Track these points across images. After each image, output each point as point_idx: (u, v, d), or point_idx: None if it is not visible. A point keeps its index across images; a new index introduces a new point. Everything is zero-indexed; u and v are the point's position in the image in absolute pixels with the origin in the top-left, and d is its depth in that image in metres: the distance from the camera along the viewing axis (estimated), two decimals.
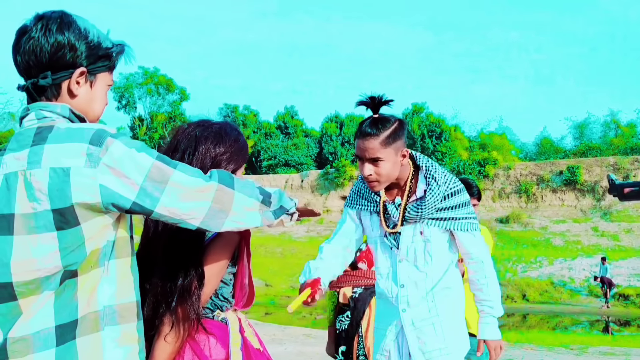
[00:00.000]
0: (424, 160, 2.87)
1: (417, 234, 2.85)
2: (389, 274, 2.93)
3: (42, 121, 1.77)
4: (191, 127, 2.22)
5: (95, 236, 1.70)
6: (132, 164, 1.70)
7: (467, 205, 2.88)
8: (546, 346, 12.44)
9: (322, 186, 46.80)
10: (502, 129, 63.24)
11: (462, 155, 49.10)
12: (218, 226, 1.83)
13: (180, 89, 57.48)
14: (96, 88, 1.88)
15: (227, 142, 2.18)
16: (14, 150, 1.73)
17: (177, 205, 1.75)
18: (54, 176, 1.65)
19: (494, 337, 2.99)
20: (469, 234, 2.88)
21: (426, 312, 2.88)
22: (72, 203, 1.65)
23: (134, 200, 1.70)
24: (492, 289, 2.96)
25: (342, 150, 54.15)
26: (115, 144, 1.70)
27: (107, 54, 1.87)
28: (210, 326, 2.11)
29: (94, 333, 1.72)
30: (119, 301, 1.78)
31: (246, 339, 2.16)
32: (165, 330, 2.03)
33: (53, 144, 1.69)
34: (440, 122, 52.13)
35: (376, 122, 2.73)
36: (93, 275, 1.73)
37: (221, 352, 2.08)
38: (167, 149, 2.19)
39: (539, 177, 42.90)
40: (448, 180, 2.82)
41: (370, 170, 2.75)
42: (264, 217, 1.92)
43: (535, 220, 39.94)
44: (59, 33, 1.77)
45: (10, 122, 63.10)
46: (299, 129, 59.09)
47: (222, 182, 1.82)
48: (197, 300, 2.04)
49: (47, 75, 1.78)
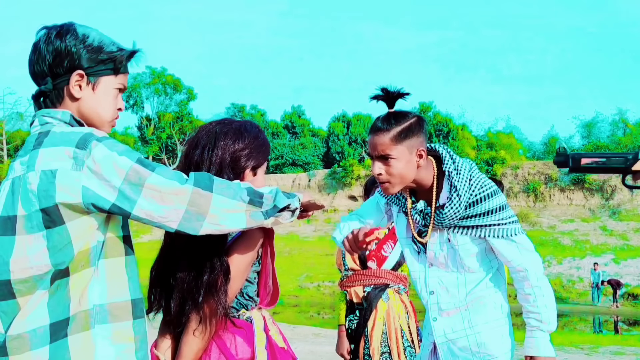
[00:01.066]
0: (449, 164, 2.58)
1: (445, 241, 2.63)
2: (419, 278, 2.75)
3: (43, 127, 1.85)
4: (212, 124, 2.23)
5: (82, 236, 1.76)
6: (112, 167, 1.75)
7: (501, 210, 2.58)
8: (556, 345, 12.38)
9: (329, 185, 46.83)
10: (510, 128, 63.24)
11: (470, 154, 49.01)
12: (196, 229, 1.85)
13: (188, 89, 57.59)
14: (100, 92, 1.92)
15: (247, 138, 2.18)
16: (21, 156, 1.84)
17: (153, 208, 1.78)
18: (43, 178, 1.74)
19: (542, 353, 2.57)
20: (505, 240, 2.58)
21: (460, 324, 2.69)
22: (56, 202, 1.72)
23: (113, 202, 1.76)
24: (540, 300, 2.59)
25: (349, 149, 54.17)
26: (98, 147, 1.76)
27: (110, 58, 1.91)
28: (237, 325, 2.11)
29: (85, 331, 1.78)
30: (109, 300, 1.82)
31: (271, 337, 2.16)
32: (193, 326, 2.04)
33: (46, 147, 1.78)
34: (447, 121, 52.12)
35: (390, 117, 2.51)
36: (84, 274, 1.78)
37: (247, 350, 2.09)
38: (188, 146, 2.21)
39: (547, 176, 42.81)
40: (474, 186, 2.54)
41: (380, 168, 2.52)
42: (252, 219, 1.92)
43: (543, 220, 39.87)
44: (57, 40, 1.85)
45: (19, 122, 63.54)
46: (306, 128, 59.18)
47: (198, 184, 1.83)
48: (224, 295, 2.04)
49: (48, 81, 1.86)
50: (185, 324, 2.05)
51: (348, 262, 4.41)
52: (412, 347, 4.21)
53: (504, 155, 45.14)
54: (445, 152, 2.62)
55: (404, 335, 4.20)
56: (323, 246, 37.96)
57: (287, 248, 37.22)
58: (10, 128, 61.50)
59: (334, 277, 33.31)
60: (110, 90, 1.94)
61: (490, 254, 2.66)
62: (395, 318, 4.23)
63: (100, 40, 1.90)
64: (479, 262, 2.65)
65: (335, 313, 26.07)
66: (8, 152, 59.43)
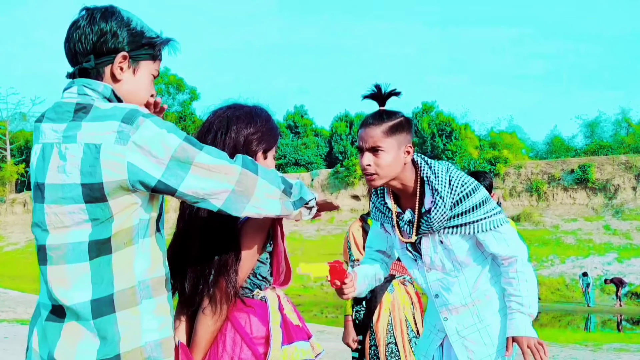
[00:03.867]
0: (425, 169, 2.65)
1: (438, 244, 2.69)
2: (422, 284, 2.82)
3: (82, 97, 1.84)
4: (223, 109, 2.25)
5: (122, 213, 1.77)
6: (161, 144, 1.76)
7: (485, 203, 2.64)
8: (560, 343, 12.41)
9: (332, 185, 46.85)
10: (513, 127, 63.17)
11: (473, 154, 49.02)
12: (239, 210, 1.87)
13: (191, 89, 57.64)
14: (139, 75, 1.94)
15: (258, 122, 2.20)
16: (52, 120, 1.82)
17: (200, 185, 1.80)
18: (87, 152, 1.74)
19: (523, 333, 2.61)
20: (492, 232, 2.65)
21: (470, 319, 2.75)
22: (102, 181, 1.73)
23: (159, 178, 1.76)
24: (522, 285, 2.65)
25: (352, 149, 54.17)
26: (146, 124, 1.76)
27: (150, 43, 1.94)
28: (251, 304, 2.14)
29: (133, 307, 1.80)
30: (151, 275, 1.85)
31: (285, 316, 2.19)
32: (205, 305, 2.07)
33: (90, 122, 1.77)
34: (450, 121, 52.11)
35: (382, 113, 2.60)
36: (127, 252, 1.80)
37: (261, 329, 2.11)
38: (200, 131, 2.22)
39: (550, 175, 42.78)
40: (454, 186, 2.60)
41: (369, 160, 2.57)
42: (284, 207, 1.94)
43: (546, 219, 39.84)
44: (102, 21, 1.86)
45: (22, 122, 63.62)
46: (308, 128, 59.20)
47: (245, 166, 1.86)
48: (235, 275, 2.07)
49: (90, 58, 1.86)
50: (199, 303, 2.08)
51: (354, 253, 4.45)
52: (418, 337, 4.23)
53: (506, 155, 45.12)
54: (420, 159, 2.69)
55: (409, 326, 4.23)
56: (326, 245, 37.96)
57: (290, 247, 36.96)
58: (13, 128, 61.61)
59: None
60: (148, 75, 1.97)
61: (481, 246, 2.72)
62: (400, 309, 4.26)
63: (142, 25, 1.93)
64: (472, 256, 2.72)
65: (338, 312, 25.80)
66: (11, 152, 59.48)
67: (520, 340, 2.61)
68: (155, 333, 1.84)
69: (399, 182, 2.65)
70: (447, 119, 52.08)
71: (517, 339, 2.62)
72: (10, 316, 13.65)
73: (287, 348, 2.12)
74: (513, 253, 2.68)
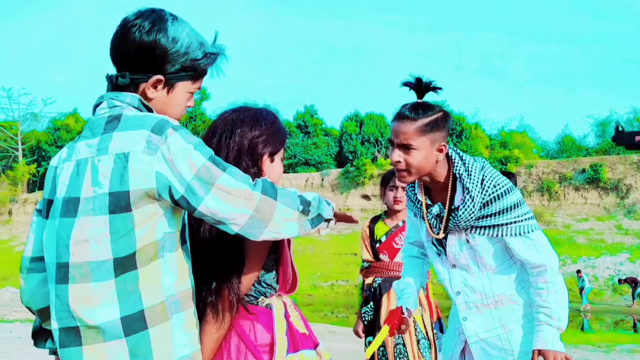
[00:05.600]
0: (459, 166, 2.56)
1: (464, 243, 2.61)
2: (445, 280, 2.75)
3: (112, 110, 1.84)
4: (228, 112, 2.23)
5: (145, 224, 1.75)
6: (186, 160, 1.75)
7: (517, 207, 2.54)
8: (573, 344, 12.33)
9: (342, 185, 46.78)
10: (523, 127, 62.92)
11: (483, 153, 48.84)
12: (256, 235, 1.85)
13: (201, 89, 57.74)
14: (174, 94, 1.93)
15: (263, 125, 2.17)
16: (87, 137, 1.83)
17: (219, 208, 1.78)
18: (117, 161, 1.74)
19: (551, 347, 2.48)
20: (522, 238, 2.55)
21: (490, 322, 2.66)
22: (128, 189, 1.72)
23: (182, 194, 1.75)
24: (552, 296, 2.53)
25: (362, 149, 54.11)
26: (174, 137, 1.76)
27: (192, 66, 1.91)
28: (255, 312, 2.11)
29: (165, 322, 1.79)
30: (179, 289, 1.85)
31: (291, 323, 2.16)
32: (208, 313, 2.05)
33: (120, 131, 1.77)
34: (460, 120, 51.95)
35: (418, 107, 2.50)
36: (154, 267, 1.78)
37: (266, 336, 2.08)
38: (205, 134, 2.20)
39: (561, 175, 42.56)
40: (487, 186, 2.51)
41: (399, 156, 2.51)
42: (302, 227, 1.92)
43: (558, 219, 39.64)
44: (147, 35, 1.83)
45: (33, 123, 64.06)
46: (318, 127, 59.15)
47: (265, 192, 1.83)
48: (238, 283, 2.05)
49: (126, 75, 1.86)
50: (203, 312, 2.06)
51: (363, 254, 4.51)
52: (426, 339, 4.24)
53: (517, 154, 44.93)
54: (455, 154, 2.61)
55: (417, 327, 4.23)
56: (337, 245, 37.93)
57: (300, 247, 37.21)
58: (25, 128, 61.95)
59: (348, 276, 33.30)
60: (184, 94, 1.95)
61: (510, 251, 2.63)
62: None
63: (188, 45, 1.88)
64: (499, 260, 2.63)
65: (349, 312, 25.87)
66: (23, 152, 59.82)
67: (547, 355, 2.50)
68: (186, 347, 1.84)
69: (430, 177, 2.60)
70: (457, 118, 51.91)
71: (543, 353, 2.50)
72: (23, 316, 13.70)
73: (292, 356, 2.08)
74: (543, 261, 2.55)
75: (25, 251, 2.00)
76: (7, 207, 52.90)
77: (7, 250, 45.69)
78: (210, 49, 1.94)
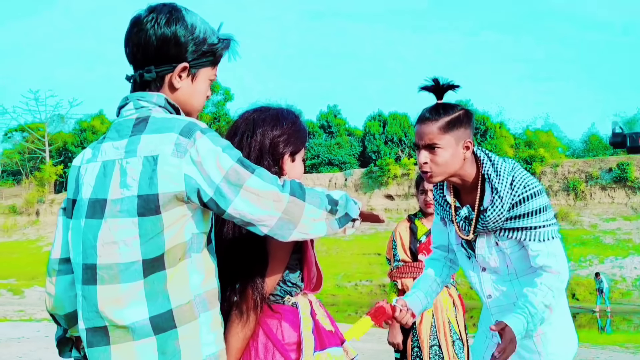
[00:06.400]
0: (488, 166, 2.55)
1: (493, 245, 2.60)
2: (475, 283, 2.73)
3: (139, 111, 1.86)
4: (250, 112, 2.24)
5: (173, 226, 1.76)
6: (215, 162, 1.75)
7: (545, 210, 2.51)
8: (600, 345, 12.19)
9: (365, 185, 46.71)
10: (549, 125, 62.34)
11: (508, 152, 48.43)
12: (285, 236, 1.85)
13: (225, 90, 57.99)
14: (197, 82, 1.95)
15: (285, 124, 2.18)
16: (113, 139, 1.84)
17: (248, 210, 1.78)
18: (146, 164, 1.75)
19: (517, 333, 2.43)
20: (542, 244, 2.51)
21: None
22: (158, 192, 1.73)
23: (211, 197, 1.76)
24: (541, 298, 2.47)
25: (385, 148, 53.97)
26: (203, 139, 1.76)
27: (211, 50, 1.93)
28: (282, 311, 2.12)
29: (193, 321, 1.81)
30: (205, 289, 1.86)
31: (318, 321, 2.16)
32: (233, 313, 2.06)
33: (149, 134, 1.79)
34: (484, 120, 51.59)
35: (438, 107, 2.52)
36: (181, 267, 1.80)
37: (293, 335, 2.09)
38: (227, 134, 2.21)
39: (587, 174, 42.05)
40: (516, 187, 2.49)
41: (425, 157, 2.51)
42: (330, 227, 1.92)
43: (584, 219, 39.18)
44: (166, 27, 1.85)
45: (60, 124, 64.81)
46: (341, 127, 59.10)
47: (294, 193, 1.83)
48: (262, 283, 2.06)
49: (151, 69, 1.87)
50: (228, 312, 2.07)
51: (400, 254, 4.45)
52: (460, 340, 4.21)
53: (542, 154, 44.48)
54: (484, 155, 2.60)
55: (452, 329, 4.21)
56: (360, 245, 37.87)
57: (324, 247, 37.22)
58: (52, 130, 62.72)
59: (372, 276, 33.23)
60: (206, 81, 1.97)
61: None
62: (443, 311, 4.24)
63: (204, 31, 1.91)
64: (529, 263, 2.60)
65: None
66: (50, 154, 60.57)
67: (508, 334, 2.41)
68: (213, 346, 1.86)
69: (458, 178, 2.58)
70: (481, 117, 51.54)
71: (506, 331, 2.41)
72: None
73: (319, 354, 2.09)
74: (558, 269, 2.52)
75: (53, 253, 2.01)
76: (35, 207, 53.60)
77: (35, 250, 46.29)
78: (222, 35, 1.98)
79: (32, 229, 52.12)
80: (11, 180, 63.54)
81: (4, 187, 60.09)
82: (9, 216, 53.54)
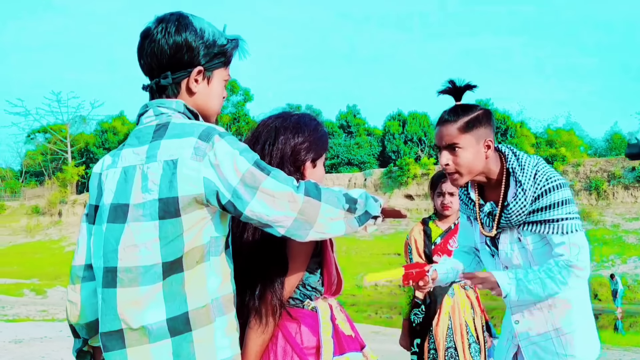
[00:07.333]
0: (512, 161, 2.56)
1: (516, 241, 2.59)
2: None
3: (159, 117, 1.90)
4: (271, 119, 2.25)
5: (193, 229, 1.79)
6: (232, 165, 1.78)
7: (567, 203, 2.49)
8: (624, 346, 12.06)
9: (385, 185, 46.65)
10: (570, 124, 61.74)
11: (529, 151, 48.03)
12: (303, 236, 1.87)
13: (244, 90, 58.18)
14: (213, 84, 1.99)
15: (306, 131, 2.20)
16: (133, 145, 1.88)
17: (264, 211, 1.81)
18: (166, 168, 1.78)
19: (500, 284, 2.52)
20: (565, 236, 2.49)
21: (543, 325, 2.62)
22: (177, 195, 1.76)
23: (229, 199, 1.78)
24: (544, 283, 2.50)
25: (405, 148, 53.84)
26: (221, 143, 1.80)
27: (222, 51, 1.97)
28: (301, 315, 2.13)
29: (208, 325, 1.83)
30: (222, 293, 1.88)
31: (337, 326, 2.16)
32: (252, 318, 2.07)
33: (168, 139, 1.82)
34: (505, 119, 51.25)
35: (457, 108, 2.54)
36: (199, 270, 1.82)
37: (312, 339, 2.09)
38: (248, 141, 2.22)
39: (609, 173, 41.64)
40: (539, 179, 2.49)
41: (447, 159, 2.52)
42: (348, 225, 1.93)
43: (606, 218, 38.81)
44: (177, 35, 1.89)
45: (82, 125, 65.48)
46: (361, 127, 59.06)
47: (309, 193, 1.85)
48: (281, 287, 2.06)
49: (168, 75, 1.91)
50: (247, 315, 2.07)
51: (414, 257, 4.41)
52: (477, 342, 4.18)
53: (564, 153, 44.13)
54: (508, 150, 2.62)
55: (469, 331, 4.18)
56: (380, 245, 37.83)
57: (344, 247, 37.23)
58: (74, 131, 63.35)
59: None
60: (221, 82, 2.01)
61: None
62: (460, 314, 4.21)
63: (213, 34, 1.95)
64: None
65: (392, 312, 25.58)
66: (72, 154, 61.18)
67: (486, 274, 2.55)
68: (227, 350, 1.88)
69: (483, 176, 2.60)
70: (502, 116, 51.21)
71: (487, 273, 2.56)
72: None
73: (338, 359, 2.09)
74: (576, 263, 2.49)
75: (77, 259, 2.03)
76: (57, 208, 54.22)
77: (57, 251, 46.82)
78: (229, 36, 2.01)
79: (54, 229, 52.72)
80: (34, 181, 64.31)
81: (27, 188, 60.84)
82: (32, 217, 54.22)
